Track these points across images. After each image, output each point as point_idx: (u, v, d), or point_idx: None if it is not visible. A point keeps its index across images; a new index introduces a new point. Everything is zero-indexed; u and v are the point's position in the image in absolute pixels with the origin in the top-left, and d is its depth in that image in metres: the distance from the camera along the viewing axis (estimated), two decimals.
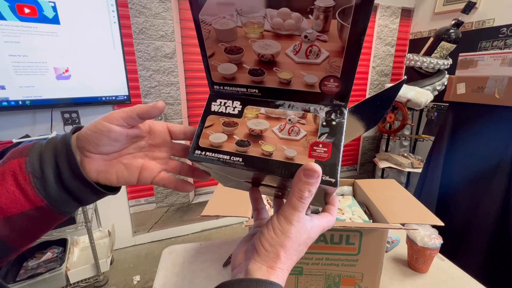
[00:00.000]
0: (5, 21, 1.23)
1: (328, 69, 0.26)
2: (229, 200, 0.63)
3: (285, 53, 0.27)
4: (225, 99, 0.31)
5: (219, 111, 0.31)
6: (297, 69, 0.27)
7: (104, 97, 1.53)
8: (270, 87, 0.29)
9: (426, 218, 0.58)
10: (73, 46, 1.41)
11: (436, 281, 0.71)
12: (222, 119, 0.30)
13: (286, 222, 0.25)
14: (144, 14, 1.72)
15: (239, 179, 0.33)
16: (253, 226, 0.34)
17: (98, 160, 0.29)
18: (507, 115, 1.12)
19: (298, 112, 0.28)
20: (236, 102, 0.30)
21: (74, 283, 1.40)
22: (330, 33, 0.24)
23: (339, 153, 0.26)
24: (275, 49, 0.26)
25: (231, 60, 0.29)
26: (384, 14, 2.38)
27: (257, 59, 0.28)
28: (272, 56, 0.27)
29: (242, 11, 0.25)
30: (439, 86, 2.02)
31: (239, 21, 0.26)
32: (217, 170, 0.31)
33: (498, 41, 1.88)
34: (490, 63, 1.17)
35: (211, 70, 0.30)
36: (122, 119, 0.28)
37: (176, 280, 0.71)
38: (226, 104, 0.31)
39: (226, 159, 0.28)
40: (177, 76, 1.89)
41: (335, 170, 0.25)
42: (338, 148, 0.26)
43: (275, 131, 0.28)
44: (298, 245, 0.26)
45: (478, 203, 1.21)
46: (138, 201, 2.21)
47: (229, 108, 0.30)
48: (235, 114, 0.30)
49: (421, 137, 2.18)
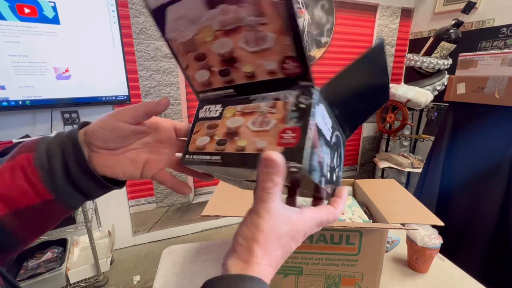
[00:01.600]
0: (5, 21, 1.23)
1: (281, 50, 0.25)
2: (229, 200, 0.63)
3: (239, 47, 0.26)
4: (209, 105, 0.32)
5: (205, 117, 0.32)
6: (255, 59, 0.27)
7: (104, 97, 1.53)
8: (241, 83, 0.29)
9: (426, 218, 0.58)
10: (73, 46, 1.41)
11: (436, 281, 0.71)
12: (206, 123, 0.31)
13: (255, 215, 0.24)
14: (144, 14, 1.72)
15: (238, 178, 0.33)
16: None
17: (105, 155, 0.29)
18: (507, 115, 1.12)
19: (269, 102, 0.28)
20: (218, 105, 0.32)
21: (74, 283, 1.40)
22: (268, 15, 0.23)
23: (306, 136, 0.24)
24: (229, 45, 0.27)
25: (202, 67, 0.30)
26: (384, 14, 2.37)
27: (220, 59, 0.28)
28: (229, 53, 0.27)
29: (193, 20, 0.27)
30: (439, 86, 2.02)
31: (194, 30, 0.27)
32: (213, 172, 0.32)
33: (498, 41, 1.88)
34: (490, 63, 1.17)
35: (191, 80, 0.32)
36: (130, 116, 0.29)
37: (176, 280, 0.71)
38: (210, 109, 0.32)
39: (207, 159, 0.29)
40: (177, 76, 1.89)
41: (302, 154, 0.23)
42: (305, 132, 0.24)
43: (249, 126, 0.28)
44: (278, 239, 0.24)
45: (478, 203, 1.21)
46: (138, 201, 2.21)
47: (212, 112, 0.32)
48: (216, 116, 0.31)
49: (421, 137, 2.18)
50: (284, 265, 0.60)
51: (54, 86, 1.40)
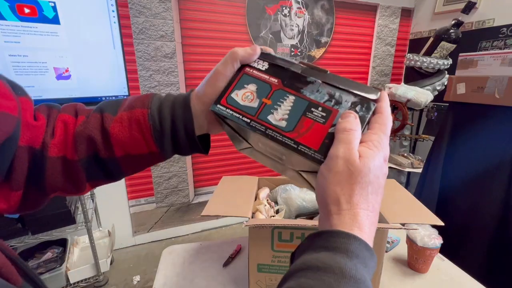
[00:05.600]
0: (5, 21, 1.23)
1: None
2: (229, 200, 0.63)
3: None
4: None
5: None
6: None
7: (104, 97, 1.53)
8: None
9: (426, 218, 0.58)
10: (73, 46, 1.41)
11: (436, 281, 0.71)
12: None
13: (330, 160, 0.25)
14: (144, 14, 1.72)
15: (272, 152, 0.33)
16: None
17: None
18: (507, 115, 1.12)
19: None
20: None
21: (74, 283, 1.40)
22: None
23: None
24: None
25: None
26: (384, 14, 2.38)
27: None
28: None
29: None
30: (439, 86, 2.02)
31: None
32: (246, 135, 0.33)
33: (498, 41, 1.88)
34: (490, 63, 1.17)
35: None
36: (229, 74, 0.32)
37: (176, 280, 0.71)
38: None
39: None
40: (177, 76, 1.89)
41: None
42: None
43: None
44: (360, 176, 0.23)
45: (478, 203, 1.21)
46: (138, 201, 2.21)
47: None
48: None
49: (421, 137, 2.18)
50: (284, 265, 0.60)
51: (54, 86, 1.40)
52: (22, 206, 0.30)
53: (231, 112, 0.30)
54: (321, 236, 0.22)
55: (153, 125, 0.31)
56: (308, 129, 0.27)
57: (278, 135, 0.28)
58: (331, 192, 0.23)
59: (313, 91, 0.29)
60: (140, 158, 0.33)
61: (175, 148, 0.33)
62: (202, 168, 2.37)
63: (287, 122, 0.28)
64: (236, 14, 2.02)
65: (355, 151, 0.24)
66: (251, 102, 0.30)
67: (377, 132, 0.26)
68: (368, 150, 0.24)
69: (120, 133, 0.31)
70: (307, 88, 0.29)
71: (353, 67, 2.50)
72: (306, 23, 2.22)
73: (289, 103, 0.29)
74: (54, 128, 0.30)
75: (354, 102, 0.27)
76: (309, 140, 0.27)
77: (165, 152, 0.33)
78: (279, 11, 2.12)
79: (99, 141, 0.30)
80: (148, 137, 0.31)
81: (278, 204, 0.76)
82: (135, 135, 0.31)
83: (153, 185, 2.16)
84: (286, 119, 0.28)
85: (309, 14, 2.20)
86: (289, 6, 2.13)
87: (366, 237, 0.22)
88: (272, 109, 0.29)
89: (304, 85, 0.30)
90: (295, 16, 2.17)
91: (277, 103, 0.29)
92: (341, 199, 0.23)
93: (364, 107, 0.27)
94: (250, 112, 0.30)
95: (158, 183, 2.16)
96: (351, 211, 0.23)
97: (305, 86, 0.30)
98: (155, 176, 2.13)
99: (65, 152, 0.30)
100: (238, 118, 0.29)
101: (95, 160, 0.31)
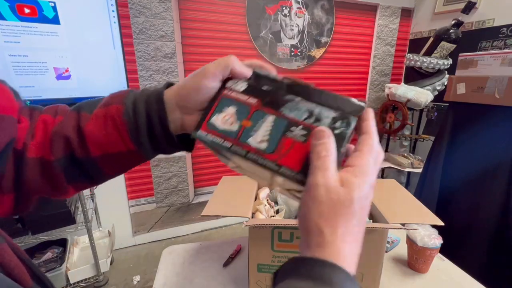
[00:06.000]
0: (5, 21, 1.23)
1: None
2: (229, 200, 0.63)
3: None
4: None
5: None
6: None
7: (104, 97, 1.53)
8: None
9: (426, 218, 0.58)
10: (73, 46, 1.41)
11: (436, 281, 0.71)
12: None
13: (312, 188, 0.23)
14: (144, 14, 1.72)
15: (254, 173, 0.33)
16: None
17: (197, 115, 0.32)
18: (507, 115, 1.12)
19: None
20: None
21: (74, 283, 1.40)
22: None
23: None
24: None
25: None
26: (384, 14, 2.38)
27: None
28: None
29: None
30: (439, 86, 2.03)
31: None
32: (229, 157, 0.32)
33: (498, 41, 1.88)
34: (490, 63, 1.17)
35: None
36: (219, 75, 0.31)
37: (176, 280, 0.71)
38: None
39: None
40: (177, 76, 1.89)
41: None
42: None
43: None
44: (344, 206, 0.22)
45: (478, 202, 1.21)
46: (138, 201, 2.21)
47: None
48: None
49: (421, 137, 2.18)
50: None
51: (54, 86, 1.40)
52: (16, 209, 0.30)
53: (211, 138, 0.29)
54: (306, 263, 0.22)
55: (128, 121, 0.30)
56: (289, 149, 0.26)
57: (259, 158, 0.27)
58: (314, 223, 0.22)
59: (292, 109, 0.28)
60: (120, 157, 0.31)
61: (153, 145, 0.32)
62: (202, 168, 2.37)
63: (268, 143, 0.27)
64: (236, 14, 2.02)
65: (335, 178, 0.23)
66: (231, 125, 0.29)
67: (365, 156, 0.24)
68: (353, 179, 0.23)
69: (96, 131, 0.30)
70: (287, 106, 0.29)
71: (353, 67, 2.50)
72: (306, 23, 2.22)
73: (269, 123, 0.28)
74: (35, 129, 0.30)
75: (334, 118, 0.27)
76: (290, 161, 0.26)
77: (144, 149, 0.31)
78: (279, 11, 2.12)
79: (74, 140, 0.30)
80: (124, 134, 0.30)
81: (278, 204, 0.76)
82: (111, 133, 0.30)
83: (153, 185, 2.16)
84: (267, 140, 0.27)
85: (309, 14, 2.20)
86: (289, 6, 2.13)
87: (350, 269, 0.22)
88: (251, 131, 0.28)
89: (283, 103, 0.29)
90: (295, 16, 2.17)
91: (256, 125, 0.28)
92: (325, 231, 0.22)
93: (345, 122, 0.26)
94: (231, 136, 0.29)
95: (158, 183, 2.16)
96: (335, 244, 0.22)
97: (284, 104, 0.29)
98: (155, 176, 2.14)
99: (43, 153, 0.29)
100: (219, 144, 0.29)
101: (72, 160, 0.30)
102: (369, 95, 2.58)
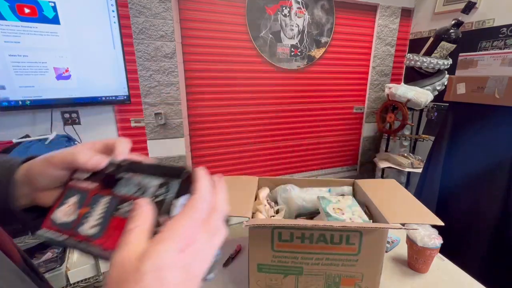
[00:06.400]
0: (5, 21, 1.23)
1: None
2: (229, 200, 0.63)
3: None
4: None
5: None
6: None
7: (104, 97, 1.53)
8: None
9: (426, 218, 0.58)
10: (73, 46, 1.41)
11: (436, 281, 0.71)
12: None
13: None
14: (144, 14, 1.72)
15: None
16: None
17: (52, 192, 0.31)
18: (507, 115, 1.12)
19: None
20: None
21: (74, 283, 1.40)
22: None
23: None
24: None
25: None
26: (384, 14, 2.37)
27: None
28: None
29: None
30: (439, 86, 2.03)
31: None
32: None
33: (498, 41, 1.88)
34: (490, 63, 1.17)
35: None
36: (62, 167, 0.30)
37: None
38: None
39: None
40: (177, 76, 1.89)
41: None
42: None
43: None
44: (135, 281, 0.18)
45: (478, 202, 1.21)
46: None
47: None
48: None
49: (421, 137, 2.18)
50: (284, 265, 0.60)
51: (54, 86, 1.40)
52: None
53: (49, 235, 0.28)
54: None
55: None
56: (115, 229, 0.24)
57: (85, 246, 0.25)
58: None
59: (124, 185, 0.27)
60: None
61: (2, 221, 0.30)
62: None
63: (99, 227, 0.25)
64: (236, 14, 2.02)
65: (134, 250, 0.20)
66: (70, 216, 0.28)
67: (181, 218, 0.22)
68: (153, 247, 0.20)
69: None
70: (120, 184, 0.28)
71: (353, 67, 2.50)
72: (306, 23, 2.22)
73: (102, 206, 0.27)
74: None
75: (160, 185, 0.26)
76: (115, 242, 0.22)
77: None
78: (279, 11, 2.12)
79: None
80: None
81: (278, 204, 0.76)
82: None
83: None
84: (98, 224, 0.26)
85: (309, 14, 2.20)
86: (289, 6, 2.13)
87: None
88: (85, 218, 0.27)
89: (117, 181, 0.28)
90: (295, 16, 2.17)
91: (91, 209, 0.27)
92: None
93: (164, 188, 0.25)
94: (67, 227, 0.27)
95: None
96: None
97: (117, 183, 0.28)
98: None
99: None
100: (54, 239, 0.27)
101: None
102: (369, 95, 2.58)
